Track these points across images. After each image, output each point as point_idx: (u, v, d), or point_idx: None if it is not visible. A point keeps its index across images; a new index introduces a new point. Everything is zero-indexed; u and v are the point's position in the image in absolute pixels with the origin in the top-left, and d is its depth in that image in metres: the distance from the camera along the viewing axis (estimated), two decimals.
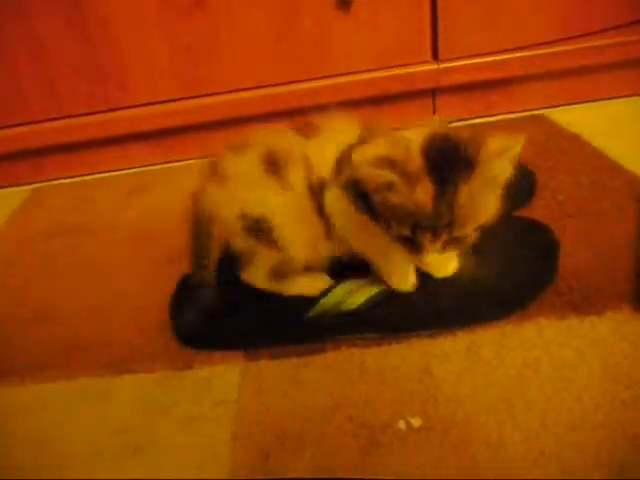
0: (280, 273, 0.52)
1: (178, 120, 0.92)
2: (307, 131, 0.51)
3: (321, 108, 0.54)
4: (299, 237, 0.50)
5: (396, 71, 0.90)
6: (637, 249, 0.58)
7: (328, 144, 0.49)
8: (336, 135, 0.50)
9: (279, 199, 0.49)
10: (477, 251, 0.54)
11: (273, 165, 0.49)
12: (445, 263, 0.53)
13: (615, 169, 0.74)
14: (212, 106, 0.91)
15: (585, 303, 0.52)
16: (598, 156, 0.78)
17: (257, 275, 0.54)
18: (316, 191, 0.49)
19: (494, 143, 0.42)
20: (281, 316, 0.52)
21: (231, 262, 0.54)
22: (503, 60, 0.89)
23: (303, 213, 0.49)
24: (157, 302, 0.60)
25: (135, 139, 0.96)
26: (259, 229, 0.50)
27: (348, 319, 0.50)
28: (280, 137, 0.52)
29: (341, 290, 0.50)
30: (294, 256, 0.51)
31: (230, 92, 0.90)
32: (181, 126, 0.93)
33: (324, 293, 0.50)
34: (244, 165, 0.51)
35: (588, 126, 0.88)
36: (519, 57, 0.89)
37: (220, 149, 0.55)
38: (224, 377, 0.50)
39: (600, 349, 0.47)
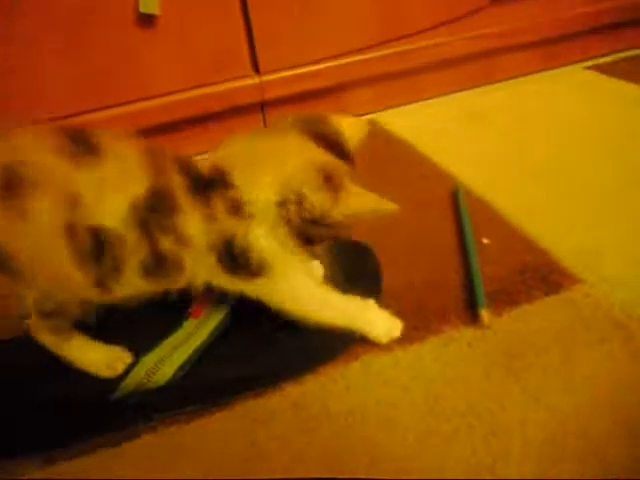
0: (50, 314, 0.43)
1: None
2: (82, 155, 0.38)
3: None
4: (44, 274, 0.40)
5: (216, 88, 0.84)
6: (462, 260, 0.59)
7: (112, 186, 0.38)
8: (122, 174, 0.39)
9: (10, 225, 0.38)
10: None
11: (11, 182, 0.37)
12: None
13: (438, 175, 0.76)
14: None
15: (408, 329, 0.51)
16: (423, 161, 0.80)
17: (38, 328, 0.44)
18: (83, 237, 0.38)
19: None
20: (82, 402, 0.44)
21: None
22: (323, 69, 0.88)
23: (47, 253, 0.39)
24: None
25: None
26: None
27: (160, 395, 0.44)
28: (36, 150, 0.38)
29: (145, 364, 0.44)
30: (45, 290, 0.41)
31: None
32: None
33: (124, 374, 0.44)
34: None
35: (414, 129, 0.89)
36: (339, 65, 0.88)
37: None
38: None
39: (423, 381, 0.46)
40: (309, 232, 0.42)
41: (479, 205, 0.68)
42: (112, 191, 0.39)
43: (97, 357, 0.44)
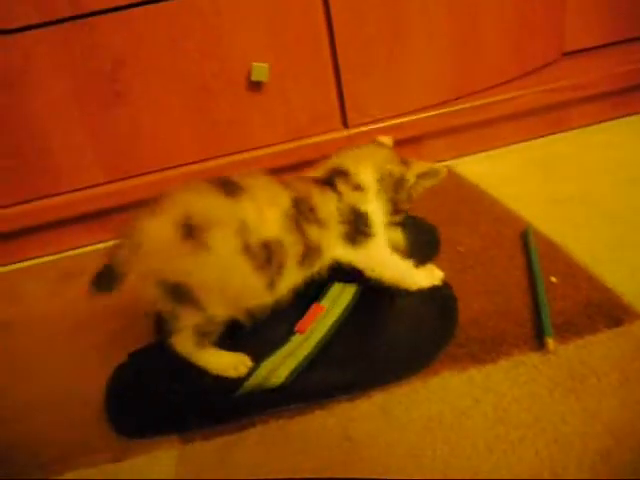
0: (204, 333, 0.55)
1: (105, 203, 0.96)
2: (232, 191, 0.53)
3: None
4: (223, 296, 0.52)
5: (310, 140, 0.97)
6: (531, 295, 0.66)
7: (266, 206, 0.53)
8: (269, 197, 0.54)
9: (197, 263, 0.50)
10: (382, 312, 0.61)
11: (190, 228, 0.49)
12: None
13: (509, 217, 0.83)
14: (137, 187, 0.95)
15: (482, 352, 0.58)
16: (494, 204, 0.88)
17: (182, 341, 0.55)
18: (257, 251, 0.52)
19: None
20: (209, 396, 0.55)
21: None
22: (403, 122, 0.99)
23: (230, 274, 0.52)
24: (94, 392, 0.62)
25: (63, 224, 0.98)
26: (178, 292, 0.51)
27: (274, 394, 0.55)
28: (200, 198, 0.52)
29: (263, 370, 0.54)
30: (215, 314, 0.53)
31: (153, 172, 0.95)
32: (109, 208, 0.97)
33: (246, 376, 0.54)
34: (157, 230, 0.50)
35: (486, 175, 0.98)
36: (418, 119, 0.99)
37: (137, 211, 0.53)
38: (160, 464, 0.53)
39: (494, 396, 0.53)
40: (396, 197, 0.63)
41: (548, 246, 0.74)
42: (267, 209, 0.53)
43: (226, 361, 0.55)
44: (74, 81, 0.88)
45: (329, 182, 0.60)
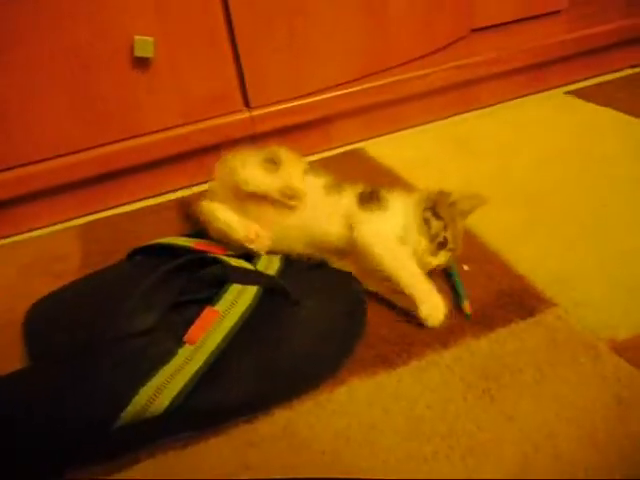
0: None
1: None
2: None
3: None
4: None
5: (209, 123, 0.88)
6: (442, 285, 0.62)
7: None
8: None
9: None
10: (284, 316, 0.55)
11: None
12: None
13: None
14: (10, 181, 0.82)
15: (393, 354, 0.54)
16: (406, 188, 0.83)
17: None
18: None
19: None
20: (83, 432, 0.47)
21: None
22: (310, 102, 0.92)
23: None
24: None
25: None
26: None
27: (158, 423, 0.47)
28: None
29: (143, 396, 0.46)
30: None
31: (31, 164, 0.82)
32: None
33: (124, 405, 0.46)
34: None
35: (398, 157, 0.93)
36: (325, 98, 0.93)
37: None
38: None
39: (405, 403, 0.49)
40: (430, 220, 0.62)
41: None
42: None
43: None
44: None
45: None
